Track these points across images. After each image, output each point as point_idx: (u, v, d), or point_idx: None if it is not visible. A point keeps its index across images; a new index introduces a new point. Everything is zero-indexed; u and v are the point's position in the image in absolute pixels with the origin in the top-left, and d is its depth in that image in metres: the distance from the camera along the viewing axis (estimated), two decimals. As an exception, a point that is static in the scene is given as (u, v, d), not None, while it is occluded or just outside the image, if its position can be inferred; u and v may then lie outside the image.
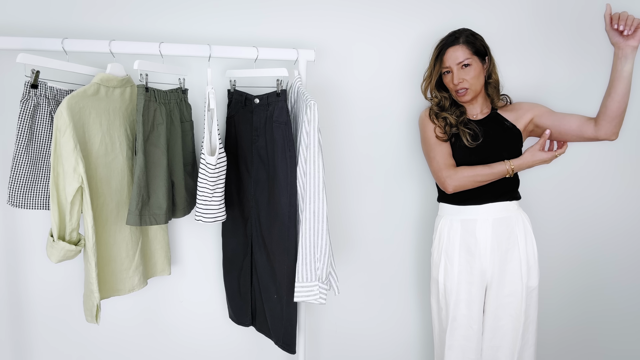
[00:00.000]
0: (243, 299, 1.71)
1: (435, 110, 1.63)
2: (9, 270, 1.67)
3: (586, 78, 1.93)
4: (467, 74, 1.53)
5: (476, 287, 1.56)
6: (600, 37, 1.90)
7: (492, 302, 1.56)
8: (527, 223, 1.60)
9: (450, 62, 1.54)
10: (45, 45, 1.39)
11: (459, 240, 1.58)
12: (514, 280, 1.55)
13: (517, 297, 1.54)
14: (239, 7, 1.70)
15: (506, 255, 1.55)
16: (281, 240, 1.50)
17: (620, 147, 2.00)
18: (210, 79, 1.47)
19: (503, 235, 1.55)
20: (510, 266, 1.55)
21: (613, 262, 2.08)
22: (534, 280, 1.57)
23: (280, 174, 1.48)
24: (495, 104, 1.65)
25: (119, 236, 1.48)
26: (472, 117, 1.63)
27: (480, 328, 1.57)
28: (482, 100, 1.64)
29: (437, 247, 1.65)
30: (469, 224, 1.57)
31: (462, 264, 1.57)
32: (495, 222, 1.55)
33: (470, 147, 1.55)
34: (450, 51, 1.53)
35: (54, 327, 1.73)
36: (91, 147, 1.39)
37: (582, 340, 2.11)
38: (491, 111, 1.64)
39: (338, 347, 1.96)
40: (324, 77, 1.79)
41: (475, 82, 1.54)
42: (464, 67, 1.53)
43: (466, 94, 1.55)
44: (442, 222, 1.64)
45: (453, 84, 1.55)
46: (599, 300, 2.10)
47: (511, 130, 1.59)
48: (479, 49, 1.54)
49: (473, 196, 1.56)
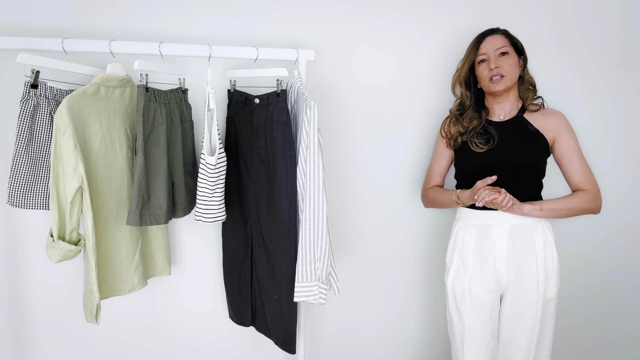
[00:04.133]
0: (243, 299, 1.71)
1: (454, 113, 1.63)
2: (9, 270, 1.67)
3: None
4: (504, 61, 1.49)
5: (492, 295, 1.51)
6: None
7: (508, 311, 1.52)
8: (547, 232, 1.52)
9: (487, 49, 1.51)
10: (45, 45, 1.39)
11: (473, 245, 1.54)
12: (531, 290, 1.49)
13: (533, 307, 1.48)
14: (239, 7, 1.70)
15: (523, 264, 1.49)
16: (281, 240, 1.50)
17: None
18: (210, 79, 1.47)
19: (520, 243, 1.49)
20: (528, 275, 1.49)
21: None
22: (552, 291, 1.50)
23: (280, 174, 1.48)
24: (526, 105, 1.57)
25: (119, 236, 1.48)
26: (498, 119, 1.58)
27: (494, 337, 1.52)
28: (514, 99, 1.57)
29: (450, 251, 1.61)
30: (484, 229, 1.53)
31: (475, 270, 1.53)
32: (513, 229, 1.49)
33: (481, 152, 1.52)
34: (489, 39, 1.52)
35: (54, 327, 1.73)
36: (91, 147, 1.39)
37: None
38: (517, 114, 1.56)
39: (338, 347, 1.96)
40: (324, 77, 1.79)
41: (512, 70, 1.50)
42: (501, 54, 1.50)
43: (501, 81, 1.50)
44: (458, 225, 1.61)
45: (489, 70, 1.51)
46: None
47: (534, 136, 1.51)
48: (515, 42, 1.54)
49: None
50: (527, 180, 1.51)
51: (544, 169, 1.54)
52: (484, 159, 1.52)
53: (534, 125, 1.53)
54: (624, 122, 1.95)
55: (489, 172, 1.51)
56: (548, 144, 1.53)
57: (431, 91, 1.86)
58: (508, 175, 1.50)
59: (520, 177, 1.50)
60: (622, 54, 1.91)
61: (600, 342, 2.11)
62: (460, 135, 1.59)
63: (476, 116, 1.59)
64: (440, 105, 1.86)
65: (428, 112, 1.86)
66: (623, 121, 1.95)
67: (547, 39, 1.87)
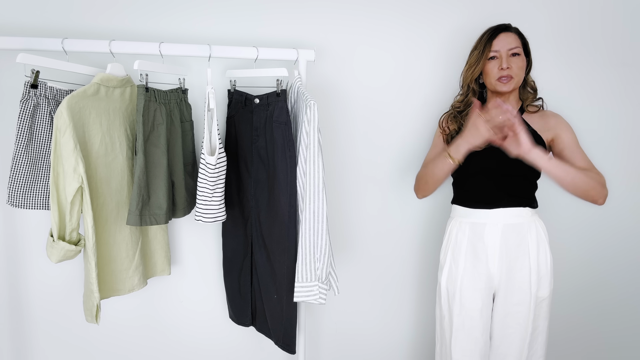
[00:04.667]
0: (243, 299, 1.71)
1: (455, 109, 1.61)
2: (9, 270, 1.67)
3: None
4: (514, 63, 1.48)
5: (482, 293, 1.52)
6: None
7: (500, 310, 1.52)
8: (541, 231, 1.52)
9: (500, 46, 1.48)
10: (45, 45, 1.39)
11: (466, 243, 1.54)
12: (523, 289, 1.49)
13: (525, 307, 1.48)
14: (239, 7, 1.70)
15: (515, 263, 1.49)
16: (281, 240, 1.50)
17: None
18: (210, 79, 1.47)
19: (513, 242, 1.49)
20: (520, 275, 1.49)
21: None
22: (545, 291, 1.50)
23: (280, 174, 1.48)
24: (525, 107, 1.56)
25: (119, 236, 1.48)
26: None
27: (484, 336, 1.52)
28: (513, 100, 1.57)
29: (444, 249, 1.62)
30: (477, 227, 1.53)
31: (467, 268, 1.53)
32: (506, 228, 1.49)
33: (476, 151, 1.50)
34: (503, 36, 1.49)
35: (54, 327, 1.73)
36: (91, 147, 1.39)
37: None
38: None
39: (338, 347, 1.96)
40: (324, 77, 1.79)
41: (520, 73, 1.49)
42: (513, 55, 1.48)
43: (509, 82, 1.48)
44: (452, 223, 1.61)
45: (498, 69, 1.48)
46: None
47: (532, 136, 1.49)
48: (525, 44, 1.53)
49: (483, 200, 1.52)
50: (520, 181, 1.50)
51: (538, 171, 1.52)
52: (478, 158, 1.51)
53: (531, 127, 1.53)
54: (622, 122, 1.95)
55: (482, 171, 1.51)
56: (545, 146, 1.52)
57: (431, 90, 1.86)
58: (501, 175, 1.50)
59: (513, 178, 1.50)
60: (621, 54, 1.91)
61: (600, 343, 2.11)
62: (457, 133, 1.58)
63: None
64: (441, 105, 1.86)
65: (428, 111, 1.86)
66: (622, 121, 1.95)
67: (546, 38, 1.87)
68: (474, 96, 1.59)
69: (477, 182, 1.54)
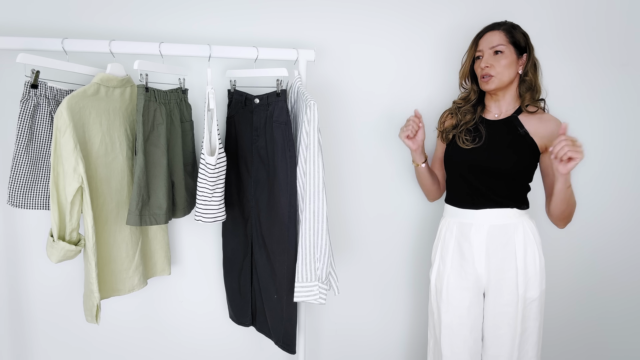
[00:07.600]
0: (243, 299, 1.71)
1: (456, 105, 1.62)
2: (8, 271, 1.67)
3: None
4: (496, 61, 1.47)
5: (470, 292, 1.52)
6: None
7: (491, 310, 1.52)
8: (529, 232, 1.50)
9: (483, 46, 1.50)
10: (45, 45, 1.39)
11: (453, 243, 1.56)
12: (511, 290, 1.48)
13: (513, 308, 1.48)
14: (238, 7, 1.70)
15: (502, 264, 1.49)
16: (281, 240, 1.50)
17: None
18: (210, 79, 1.47)
19: (499, 243, 1.49)
20: (507, 275, 1.48)
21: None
22: (534, 292, 1.48)
23: (280, 174, 1.48)
24: (522, 106, 1.52)
25: (119, 236, 1.48)
26: (493, 117, 1.55)
27: (473, 335, 1.52)
28: (511, 99, 1.54)
29: (434, 247, 1.64)
30: (464, 227, 1.54)
31: (454, 267, 1.54)
32: (492, 229, 1.49)
33: (466, 149, 1.52)
34: (487, 35, 1.50)
35: (53, 327, 1.72)
36: (91, 147, 1.39)
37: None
38: (512, 114, 1.53)
39: (338, 347, 1.96)
40: (324, 77, 1.79)
41: (503, 71, 1.47)
42: (495, 53, 1.48)
43: (490, 81, 1.48)
44: (442, 222, 1.63)
45: (480, 69, 1.51)
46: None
47: (523, 138, 1.48)
48: (517, 40, 1.48)
49: (470, 200, 1.53)
50: (508, 181, 1.49)
51: (528, 173, 1.50)
52: (468, 155, 1.52)
53: (525, 128, 1.49)
54: (623, 122, 1.95)
55: (471, 169, 1.51)
56: (537, 149, 1.48)
57: (431, 90, 1.86)
58: (489, 174, 1.49)
59: (501, 178, 1.48)
60: (622, 54, 1.91)
61: (596, 343, 2.11)
62: (452, 129, 1.60)
63: (471, 111, 1.59)
64: (441, 104, 1.86)
65: (428, 111, 1.86)
66: (622, 121, 1.95)
67: (546, 37, 1.87)
68: (475, 95, 1.60)
69: (464, 182, 1.55)
